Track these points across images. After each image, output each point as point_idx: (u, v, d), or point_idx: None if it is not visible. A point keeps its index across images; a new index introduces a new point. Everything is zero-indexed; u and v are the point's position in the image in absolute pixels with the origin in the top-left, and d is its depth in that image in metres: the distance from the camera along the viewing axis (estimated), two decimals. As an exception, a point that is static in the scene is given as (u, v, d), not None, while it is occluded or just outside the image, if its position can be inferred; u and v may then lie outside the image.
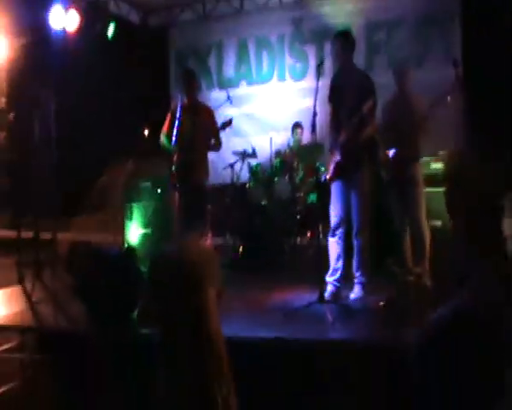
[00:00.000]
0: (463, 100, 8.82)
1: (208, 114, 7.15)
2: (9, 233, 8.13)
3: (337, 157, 6.03)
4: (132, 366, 5.08)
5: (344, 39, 6.25)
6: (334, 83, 6.32)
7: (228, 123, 7.06)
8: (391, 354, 4.26)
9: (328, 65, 6.93)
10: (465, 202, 4.42)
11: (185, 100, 7.12)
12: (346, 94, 6.05)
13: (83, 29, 9.17)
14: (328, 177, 6.18)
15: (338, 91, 6.20)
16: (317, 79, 6.00)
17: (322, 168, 7.66)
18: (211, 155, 7.28)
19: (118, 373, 5.12)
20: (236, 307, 5.71)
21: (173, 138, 6.81)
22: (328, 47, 7.57)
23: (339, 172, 6.07)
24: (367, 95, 5.89)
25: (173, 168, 6.90)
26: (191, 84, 7.20)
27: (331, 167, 6.11)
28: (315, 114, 5.90)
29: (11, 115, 9.26)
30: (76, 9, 8.90)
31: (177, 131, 6.81)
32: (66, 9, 8.62)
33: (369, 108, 5.82)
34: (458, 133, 7.90)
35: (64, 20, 8.58)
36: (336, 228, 6.14)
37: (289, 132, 9.47)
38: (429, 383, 3.79)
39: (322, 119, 6.20)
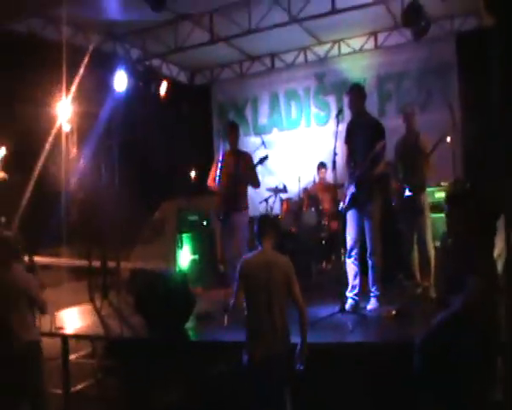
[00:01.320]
0: (461, 137, 8.99)
1: (248, 158, 7.29)
2: (82, 262, 8.40)
3: (352, 189, 6.19)
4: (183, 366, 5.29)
5: (357, 90, 6.47)
6: (349, 127, 6.51)
7: (264, 158, 7.08)
8: (401, 352, 4.42)
9: (347, 112, 7.12)
10: (464, 222, 4.60)
11: (228, 147, 7.35)
12: (360, 137, 6.24)
13: (140, 89, 9.50)
14: (344, 206, 6.33)
15: (353, 134, 6.39)
16: (337, 125, 6.22)
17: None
18: (249, 192, 7.40)
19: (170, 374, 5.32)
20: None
21: (217, 179, 7.03)
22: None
23: (354, 203, 6.23)
24: (378, 137, 6.08)
25: (218, 202, 7.09)
26: (234, 134, 7.37)
27: (347, 198, 6.27)
28: (335, 154, 6.13)
29: (81, 163, 9.57)
30: (134, 73, 9.28)
31: (221, 172, 7.01)
32: (127, 74, 8.94)
33: (380, 148, 6.00)
34: (458, 166, 7.98)
35: (125, 83, 8.89)
36: (352, 250, 6.28)
37: (315, 170, 9.56)
38: (430, 374, 3.96)
39: (341, 158, 6.41)
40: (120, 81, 8.83)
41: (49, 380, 5.20)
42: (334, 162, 6.15)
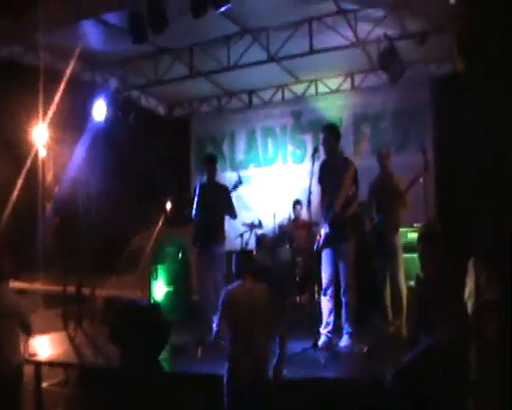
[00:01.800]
0: (435, 179, 9.22)
1: (225, 190, 7.40)
2: (56, 288, 8.38)
3: (326, 229, 6.30)
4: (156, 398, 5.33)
5: (330, 130, 6.60)
6: (322, 167, 6.64)
7: (238, 183, 7.27)
8: (372, 387, 4.52)
9: (322, 151, 7.24)
10: (434, 261, 4.74)
11: (205, 179, 7.46)
12: (333, 177, 6.36)
13: (118, 119, 9.60)
14: (319, 245, 6.43)
15: (326, 174, 6.51)
16: (312, 163, 6.32)
17: None
18: (225, 226, 7.50)
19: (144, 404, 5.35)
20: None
21: (193, 211, 7.11)
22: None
23: (328, 242, 6.34)
24: (352, 179, 6.25)
25: (195, 234, 7.17)
26: (212, 166, 7.52)
27: (321, 238, 6.36)
28: (310, 193, 6.20)
29: (56, 189, 9.60)
30: (112, 103, 9.38)
31: (198, 204, 7.11)
32: (106, 102, 9.06)
33: (353, 191, 6.18)
34: (430, 208, 8.19)
35: (103, 112, 9.00)
36: (327, 288, 6.38)
37: (291, 208, 9.64)
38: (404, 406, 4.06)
39: (316, 197, 6.54)
40: (99, 110, 8.97)
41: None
42: (308, 201, 6.21)
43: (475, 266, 4.23)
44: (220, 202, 7.19)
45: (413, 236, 7.84)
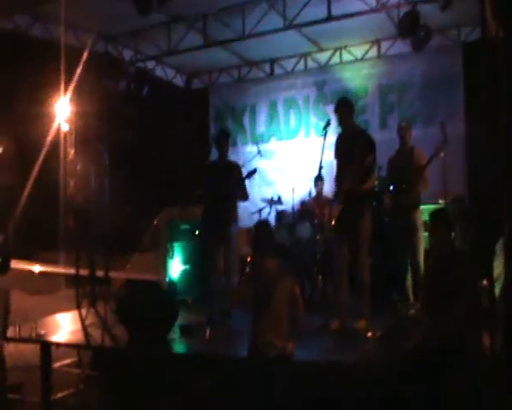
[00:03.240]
0: (465, 153, 9.02)
1: (237, 170, 7.25)
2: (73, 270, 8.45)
3: (340, 205, 6.23)
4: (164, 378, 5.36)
5: (345, 105, 6.48)
6: (338, 141, 6.55)
7: (252, 172, 7.12)
8: (383, 372, 4.44)
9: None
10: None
11: (217, 157, 7.35)
12: (350, 150, 6.24)
13: (133, 92, 9.57)
14: (333, 223, 6.35)
15: (342, 148, 6.42)
16: (324, 137, 6.24)
17: None
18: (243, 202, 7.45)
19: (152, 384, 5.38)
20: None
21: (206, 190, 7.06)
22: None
23: (342, 219, 6.25)
24: (368, 150, 6.10)
25: (205, 217, 7.11)
26: (225, 144, 7.28)
27: (336, 214, 6.30)
28: (321, 168, 6.17)
29: (78, 166, 9.62)
30: (127, 75, 9.35)
31: (208, 185, 7.04)
32: (119, 75, 9.02)
33: (369, 162, 6.03)
34: (460, 183, 8.00)
35: (118, 86, 8.97)
36: (341, 268, 6.30)
37: (312, 183, 9.50)
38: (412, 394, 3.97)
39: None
40: (113, 83, 8.95)
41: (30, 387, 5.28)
42: (319, 176, 6.30)
43: (505, 248, 4.07)
44: (231, 182, 7.02)
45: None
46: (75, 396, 6.23)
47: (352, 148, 6.20)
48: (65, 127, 9.53)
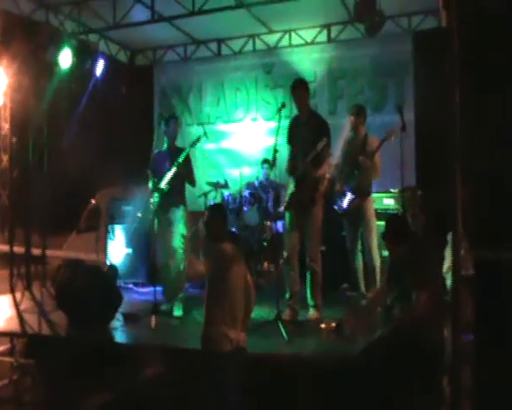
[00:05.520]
0: (415, 142, 9.07)
1: (186, 156, 6.97)
2: (6, 247, 8.07)
3: (292, 190, 6.11)
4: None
5: (304, 86, 6.33)
6: (291, 125, 6.41)
7: (200, 137, 7.04)
8: (339, 365, 4.36)
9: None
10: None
11: (166, 144, 7.08)
12: (304, 135, 6.13)
13: (75, 65, 9.16)
14: (283, 207, 6.23)
15: (296, 132, 6.28)
16: (278, 121, 6.08)
17: None
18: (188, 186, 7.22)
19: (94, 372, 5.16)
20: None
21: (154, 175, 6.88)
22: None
23: (293, 205, 6.14)
24: (321, 135, 5.98)
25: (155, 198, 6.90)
26: (175, 129, 7.06)
27: (286, 199, 6.19)
28: (275, 151, 6.01)
29: (14, 139, 9.19)
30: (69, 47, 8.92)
31: (157, 174, 6.86)
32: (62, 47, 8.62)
33: (323, 147, 5.92)
34: (408, 172, 8.00)
35: (59, 57, 8.58)
36: (291, 255, 6.18)
37: (259, 167, 9.45)
38: (370, 387, 3.91)
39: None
40: (53, 55, 8.54)
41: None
42: (273, 160, 6.05)
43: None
44: (181, 169, 6.78)
45: (389, 202, 7.70)
46: (8, 388, 5.94)
47: (307, 132, 6.10)
48: (-1, 101, 9.09)
